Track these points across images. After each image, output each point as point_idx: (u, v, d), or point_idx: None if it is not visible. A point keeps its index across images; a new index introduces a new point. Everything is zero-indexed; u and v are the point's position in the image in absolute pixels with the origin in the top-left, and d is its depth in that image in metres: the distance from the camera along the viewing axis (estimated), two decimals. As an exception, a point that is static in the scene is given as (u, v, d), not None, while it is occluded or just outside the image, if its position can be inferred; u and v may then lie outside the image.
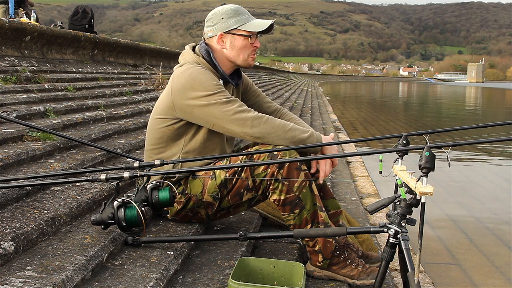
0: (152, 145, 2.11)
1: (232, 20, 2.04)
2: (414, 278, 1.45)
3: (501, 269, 3.24)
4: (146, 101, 5.34)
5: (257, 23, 2.06)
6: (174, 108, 2.00)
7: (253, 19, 2.09)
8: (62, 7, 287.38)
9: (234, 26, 2.04)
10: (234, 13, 2.05)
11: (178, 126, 2.04)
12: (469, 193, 5.60)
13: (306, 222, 1.96)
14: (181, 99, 1.97)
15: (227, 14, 2.05)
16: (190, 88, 1.95)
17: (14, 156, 2.27)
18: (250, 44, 2.07)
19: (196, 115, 1.98)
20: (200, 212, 2.07)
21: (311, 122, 8.62)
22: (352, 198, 3.91)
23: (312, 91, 21.80)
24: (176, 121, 2.03)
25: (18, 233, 1.56)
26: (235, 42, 2.06)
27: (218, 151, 2.10)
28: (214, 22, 2.08)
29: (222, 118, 1.94)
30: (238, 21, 2.04)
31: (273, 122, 1.97)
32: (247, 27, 2.04)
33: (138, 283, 1.52)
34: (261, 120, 1.95)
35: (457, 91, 53.21)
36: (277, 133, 1.96)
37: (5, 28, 4.61)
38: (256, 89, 2.36)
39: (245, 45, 2.06)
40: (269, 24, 2.05)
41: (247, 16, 2.08)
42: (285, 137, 1.96)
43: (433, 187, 1.41)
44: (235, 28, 2.05)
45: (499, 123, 2.08)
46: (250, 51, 2.08)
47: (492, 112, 22.37)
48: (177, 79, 2.01)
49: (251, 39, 2.06)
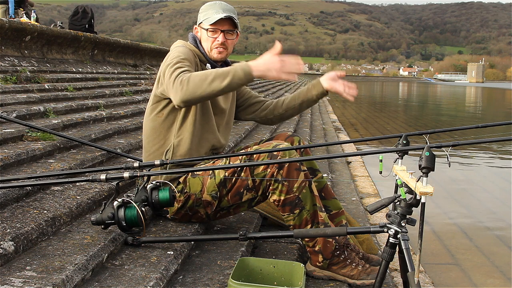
0: (147, 138, 2.15)
1: (202, 14, 2.16)
2: (414, 278, 1.45)
3: (501, 269, 3.24)
4: (146, 101, 5.31)
5: (214, 17, 2.10)
6: (158, 86, 2.05)
7: (219, 13, 2.10)
8: (62, 7, 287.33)
9: (201, 20, 2.16)
10: (206, 8, 2.16)
11: (167, 111, 2.08)
12: (469, 193, 5.60)
13: (306, 222, 1.96)
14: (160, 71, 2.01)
15: (202, 8, 2.18)
16: (167, 58, 2.00)
17: (14, 156, 2.27)
18: (211, 38, 2.13)
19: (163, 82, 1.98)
20: (199, 212, 2.07)
21: (311, 122, 8.63)
22: (352, 198, 3.91)
23: (312, 91, 21.73)
24: (164, 104, 2.07)
25: (18, 233, 1.56)
26: (202, 35, 2.17)
27: (211, 136, 2.13)
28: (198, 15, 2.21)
29: (166, 83, 1.92)
30: (205, 15, 2.14)
31: (194, 78, 1.82)
32: (207, 21, 2.12)
33: (138, 283, 1.52)
34: (184, 82, 1.82)
35: (457, 91, 53.21)
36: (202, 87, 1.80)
37: (5, 28, 4.61)
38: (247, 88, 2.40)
39: (207, 38, 2.14)
40: (217, 18, 2.07)
41: (215, 11, 2.12)
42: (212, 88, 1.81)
43: (433, 187, 1.41)
44: (201, 22, 2.15)
45: (499, 123, 2.08)
46: (212, 44, 2.14)
47: (492, 112, 22.37)
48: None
49: (210, 33, 2.12)
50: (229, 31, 2.13)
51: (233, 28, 2.14)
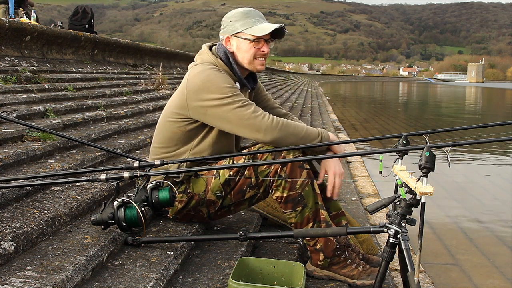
0: (160, 144, 2.10)
1: (238, 23, 2.04)
2: (414, 278, 1.45)
3: (501, 269, 3.24)
4: (146, 101, 5.34)
5: (261, 27, 2.03)
6: (188, 108, 1.99)
7: (261, 22, 2.05)
8: (62, 7, 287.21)
9: (240, 30, 2.04)
10: (241, 16, 2.04)
11: (190, 128, 2.03)
12: (469, 193, 5.60)
13: (307, 220, 1.96)
14: (196, 100, 1.96)
15: (235, 17, 2.06)
16: (205, 90, 1.94)
17: (14, 156, 2.27)
18: (255, 48, 2.04)
19: (209, 117, 1.97)
20: (201, 211, 2.07)
21: (311, 122, 8.63)
22: (352, 198, 3.91)
23: (312, 91, 21.79)
24: (188, 122, 2.02)
25: (18, 233, 1.56)
26: (241, 45, 2.05)
27: (224, 153, 2.08)
28: (224, 25, 2.10)
29: (235, 123, 1.93)
30: (244, 24, 2.03)
31: (287, 129, 1.95)
32: (251, 31, 2.02)
33: (138, 283, 1.52)
34: (276, 127, 1.93)
35: (457, 91, 53.21)
36: (290, 139, 1.96)
37: (5, 28, 4.61)
38: (267, 94, 2.35)
39: (249, 48, 2.04)
40: (272, 28, 2.01)
41: (255, 19, 2.04)
42: (297, 143, 1.97)
43: (433, 187, 1.41)
44: (240, 32, 2.04)
45: (499, 123, 2.08)
46: (255, 55, 2.06)
47: (492, 112, 22.37)
48: (193, 80, 1.99)
49: (255, 43, 2.04)
50: (269, 40, 2.08)
51: (270, 37, 2.08)
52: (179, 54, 11.05)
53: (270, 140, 1.95)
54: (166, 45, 55.15)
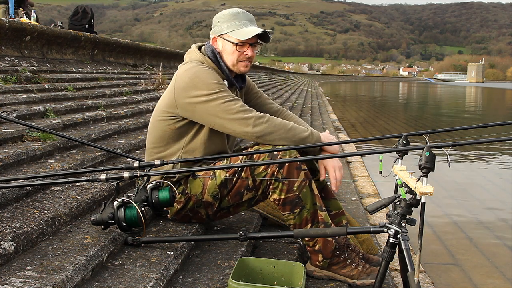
0: (152, 144, 2.12)
1: (225, 24, 2.05)
2: (414, 278, 1.45)
3: (501, 269, 3.24)
4: (146, 101, 5.34)
5: (246, 31, 2.02)
6: (176, 106, 2.01)
7: (247, 26, 2.04)
8: (62, 7, 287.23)
9: (225, 31, 2.05)
10: (229, 18, 2.05)
11: (180, 125, 2.04)
12: (469, 193, 5.60)
13: (306, 221, 1.96)
14: (184, 98, 1.98)
15: (223, 18, 2.07)
16: (193, 86, 1.96)
17: (14, 156, 2.27)
18: (238, 52, 2.05)
19: (197, 113, 1.98)
20: (200, 212, 2.07)
21: (311, 122, 8.62)
22: (352, 198, 3.91)
23: (312, 91, 21.79)
24: (178, 119, 2.04)
25: (18, 233, 1.56)
26: (226, 47, 2.07)
27: (218, 152, 2.10)
28: (214, 24, 2.12)
29: (223, 117, 1.94)
30: (230, 26, 2.04)
31: (274, 121, 1.98)
32: (235, 34, 2.03)
33: (138, 283, 1.52)
34: (263, 119, 1.96)
35: (457, 91, 53.20)
36: (278, 132, 1.97)
37: (5, 28, 4.61)
38: (258, 91, 2.36)
39: (233, 52, 2.05)
40: (254, 33, 2.00)
41: (241, 22, 2.04)
42: (286, 136, 1.97)
43: (433, 187, 1.41)
44: (226, 33, 2.05)
45: (499, 123, 2.08)
46: (239, 58, 2.06)
47: (492, 112, 22.36)
48: (181, 77, 2.01)
49: (238, 47, 2.04)
50: (255, 44, 2.08)
51: (257, 41, 2.08)
52: (179, 54, 11.04)
53: (260, 132, 1.95)
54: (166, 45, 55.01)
